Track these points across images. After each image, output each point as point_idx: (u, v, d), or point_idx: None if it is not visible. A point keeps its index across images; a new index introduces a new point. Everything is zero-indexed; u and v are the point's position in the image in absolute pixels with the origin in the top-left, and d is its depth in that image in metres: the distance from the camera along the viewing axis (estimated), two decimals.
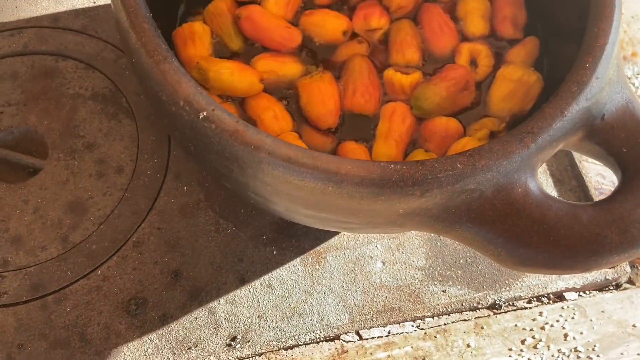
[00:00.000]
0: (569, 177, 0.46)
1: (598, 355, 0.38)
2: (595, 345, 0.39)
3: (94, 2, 0.51)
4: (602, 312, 0.40)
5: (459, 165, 0.27)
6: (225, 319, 0.40)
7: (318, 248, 0.42)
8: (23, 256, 0.41)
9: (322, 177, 0.27)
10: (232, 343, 0.39)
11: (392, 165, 0.27)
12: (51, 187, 0.44)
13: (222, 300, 0.40)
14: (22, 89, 0.47)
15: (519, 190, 0.27)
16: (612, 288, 0.41)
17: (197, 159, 0.30)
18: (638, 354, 0.39)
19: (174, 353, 0.39)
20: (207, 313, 0.40)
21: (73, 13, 0.50)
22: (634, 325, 0.39)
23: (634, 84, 0.71)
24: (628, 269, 0.41)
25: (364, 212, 0.29)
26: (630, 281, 0.41)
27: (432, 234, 0.42)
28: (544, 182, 0.45)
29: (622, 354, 0.38)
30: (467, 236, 0.28)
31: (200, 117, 0.27)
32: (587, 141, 0.30)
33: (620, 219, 0.27)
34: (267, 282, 0.41)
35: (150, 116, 0.46)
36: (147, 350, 0.39)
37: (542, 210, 0.27)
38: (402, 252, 0.42)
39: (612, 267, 0.40)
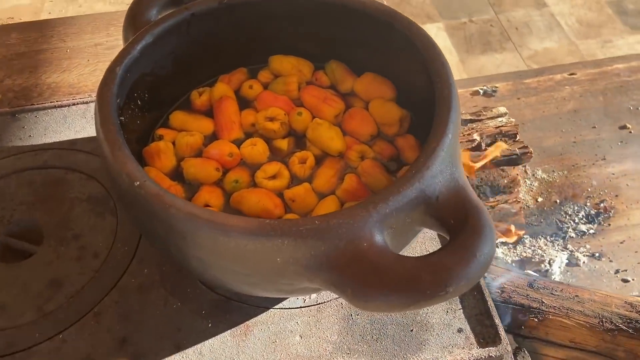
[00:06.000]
0: None
1: None
2: None
3: None
4: None
5: (316, 221, 0.36)
6: None
7: (248, 322, 0.49)
8: (3, 320, 0.50)
9: (215, 228, 0.36)
10: None
11: (268, 221, 0.36)
12: (39, 267, 0.54)
13: None
14: (34, 193, 0.60)
15: (365, 244, 0.36)
16: None
17: (134, 220, 0.41)
18: None
19: None
20: None
21: (87, 139, 0.65)
22: None
23: (574, 220, 0.80)
24: (510, 349, 0.46)
25: (251, 260, 0.38)
26: None
27: (344, 313, 0.49)
28: None
29: None
30: (328, 280, 0.36)
31: (136, 184, 0.38)
32: (427, 216, 0.39)
33: (433, 265, 0.34)
34: (199, 350, 0.48)
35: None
36: None
37: (378, 259, 0.35)
38: (319, 328, 0.49)
39: (432, 305, 0.45)
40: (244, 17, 0.55)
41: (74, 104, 0.68)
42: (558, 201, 0.86)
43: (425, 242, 0.53)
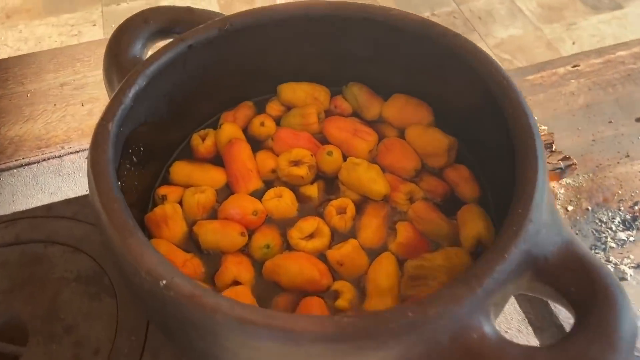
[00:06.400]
0: (549, 324, 0.45)
1: None
2: None
3: (86, 190, 0.56)
4: None
5: (410, 314, 0.28)
6: None
7: None
8: None
9: (279, 336, 0.27)
10: None
11: (346, 319, 0.28)
12: None
13: None
14: (10, 277, 0.49)
15: (475, 336, 0.28)
16: None
17: (161, 327, 0.31)
18: None
19: None
20: None
21: (65, 202, 0.54)
22: None
23: (611, 228, 0.73)
24: None
25: None
26: None
27: None
28: (523, 330, 0.45)
29: None
30: None
31: (162, 285, 0.29)
32: (537, 282, 0.31)
33: (575, 358, 0.26)
34: None
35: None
36: None
37: (499, 356, 0.27)
38: None
39: None
40: (248, 43, 0.46)
41: (44, 160, 0.58)
42: (590, 208, 0.79)
43: None
